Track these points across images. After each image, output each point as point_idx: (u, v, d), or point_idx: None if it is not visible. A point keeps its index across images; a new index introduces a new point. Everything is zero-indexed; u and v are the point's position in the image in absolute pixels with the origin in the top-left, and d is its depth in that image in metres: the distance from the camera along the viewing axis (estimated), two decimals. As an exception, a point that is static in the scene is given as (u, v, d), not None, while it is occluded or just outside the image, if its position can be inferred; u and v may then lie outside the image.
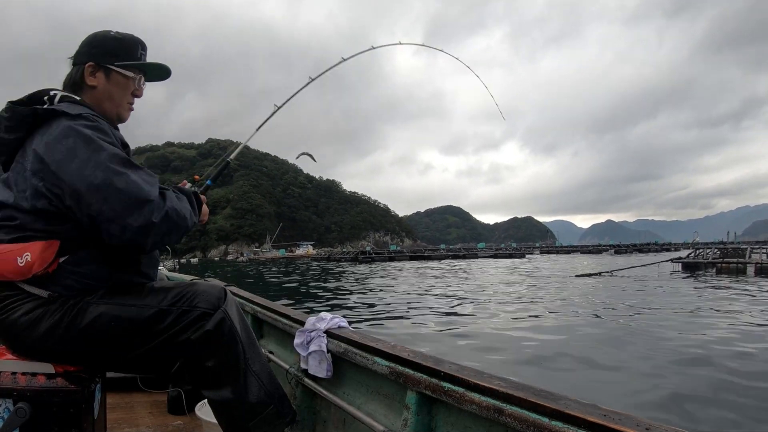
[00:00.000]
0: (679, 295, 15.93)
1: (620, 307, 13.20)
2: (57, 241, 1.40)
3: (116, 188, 1.33)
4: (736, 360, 7.01)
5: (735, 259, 28.15)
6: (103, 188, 1.33)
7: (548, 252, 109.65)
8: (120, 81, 1.61)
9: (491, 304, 14.40)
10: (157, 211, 1.37)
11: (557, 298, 15.74)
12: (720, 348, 7.77)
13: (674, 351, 7.57)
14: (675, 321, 10.62)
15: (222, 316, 1.51)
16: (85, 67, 1.57)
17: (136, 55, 1.63)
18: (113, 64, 1.59)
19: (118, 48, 1.61)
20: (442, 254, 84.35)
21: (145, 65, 1.66)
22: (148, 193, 1.36)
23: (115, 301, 1.44)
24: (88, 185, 1.33)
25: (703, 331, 9.18)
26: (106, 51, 1.59)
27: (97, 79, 1.58)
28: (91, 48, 1.59)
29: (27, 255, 1.36)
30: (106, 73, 1.59)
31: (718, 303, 13.74)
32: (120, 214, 1.33)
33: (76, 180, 1.33)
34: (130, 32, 1.66)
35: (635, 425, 1.01)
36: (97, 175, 1.33)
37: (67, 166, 1.35)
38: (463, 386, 1.38)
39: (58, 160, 1.36)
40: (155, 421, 2.38)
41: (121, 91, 1.62)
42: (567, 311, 12.64)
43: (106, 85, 1.59)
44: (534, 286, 20.50)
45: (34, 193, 1.39)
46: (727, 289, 18.29)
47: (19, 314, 1.38)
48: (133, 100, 1.67)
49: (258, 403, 1.55)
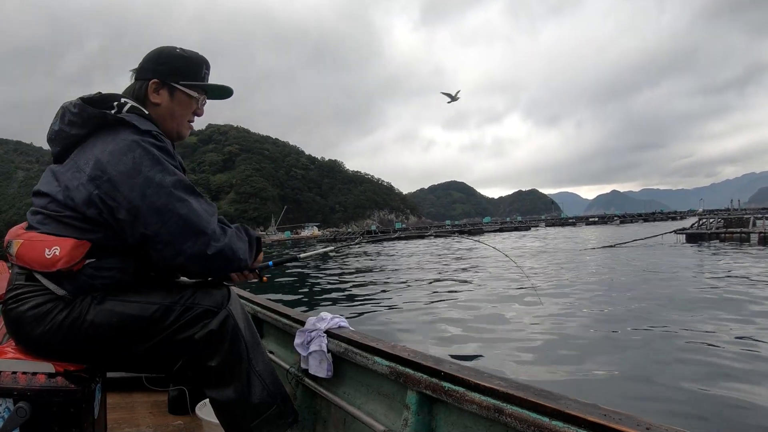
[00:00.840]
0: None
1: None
2: (89, 243, 1.40)
3: (177, 214, 1.37)
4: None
5: (738, 229, 28.20)
6: (164, 212, 1.37)
7: (553, 224, 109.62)
8: (183, 100, 1.62)
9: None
10: (213, 244, 1.42)
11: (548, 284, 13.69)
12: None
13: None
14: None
15: (226, 315, 1.51)
16: (150, 83, 1.58)
17: (200, 75, 1.64)
18: (178, 82, 1.59)
19: (184, 67, 1.61)
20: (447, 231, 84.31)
21: (208, 86, 1.67)
22: (206, 224, 1.42)
23: (120, 297, 1.45)
24: (149, 205, 1.36)
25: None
26: (171, 69, 1.59)
27: (160, 97, 1.59)
28: (157, 65, 1.59)
29: (56, 249, 1.37)
30: (170, 91, 1.59)
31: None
32: (177, 239, 1.37)
33: (137, 197, 1.36)
34: (195, 52, 1.65)
35: (635, 425, 1.01)
36: (160, 198, 1.36)
37: (130, 180, 1.36)
38: (464, 386, 1.38)
39: (121, 172, 1.37)
40: (155, 421, 2.39)
41: (183, 109, 1.63)
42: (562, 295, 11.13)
43: (169, 103, 1.60)
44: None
45: (88, 201, 1.39)
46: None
47: (28, 307, 1.39)
48: (194, 119, 1.69)
49: (261, 403, 1.56)
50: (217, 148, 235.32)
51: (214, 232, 1.43)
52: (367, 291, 13.38)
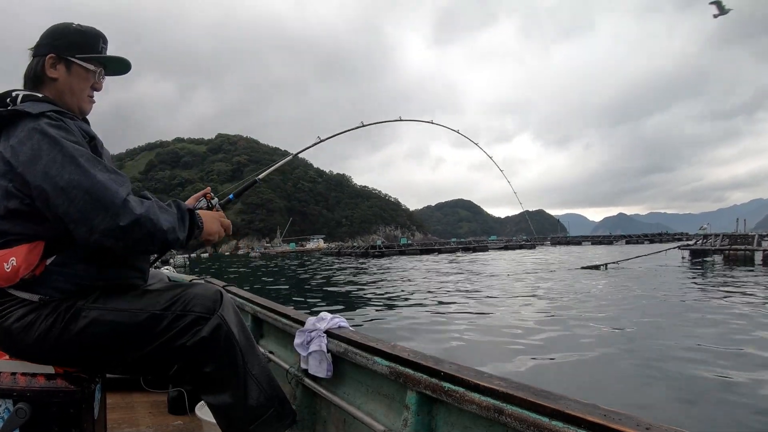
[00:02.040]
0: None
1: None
2: (42, 242, 1.38)
3: (82, 189, 1.31)
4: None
5: (743, 246, 27.65)
6: (69, 189, 1.31)
7: (559, 243, 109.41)
8: (81, 74, 1.59)
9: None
10: (125, 215, 1.33)
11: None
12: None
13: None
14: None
15: (218, 322, 1.49)
16: (46, 59, 1.55)
17: (97, 49, 1.62)
18: (74, 56, 1.57)
19: (80, 40, 1.59)
20: (452, 247, 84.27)
21: (106, 59, 1.65)
22: (113, 195, 1.33)
23: (108, 305, 1.43)
24: (54, 186, 1.31)
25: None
26: (67, 43, 1.57)
27: (58, 72, 1.57)
28: (53, 40, 1.57)
29: (12, 260, 1.35)
30: (67, 65, 1.57)
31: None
32: (86, 215, 1.31)
33: (42, 181, 1.32)
34: (90, 25, 1.64)
35: (635, 425, 1.00)
36: (63, 176, 1.31)
37: (33, 167, 1.33)
38: (463, 386, 1.37)
39: (24, 161, 1.34)
40: (155, 421, 2.39)
41: (81, 83, 1.60)
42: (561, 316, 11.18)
43: (66, 77, 1.57)
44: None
45: (5, 195, 1.37)
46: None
47: (12, 320, 1.38)
48: (93, 93, 1.65)
49: (258, 406, 1.54)
50: (225, 157, 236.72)
51: (124, 202, 1.34)
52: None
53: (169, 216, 1.45)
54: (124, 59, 1.68)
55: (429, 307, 12.68)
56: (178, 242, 1.49)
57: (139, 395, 2.74)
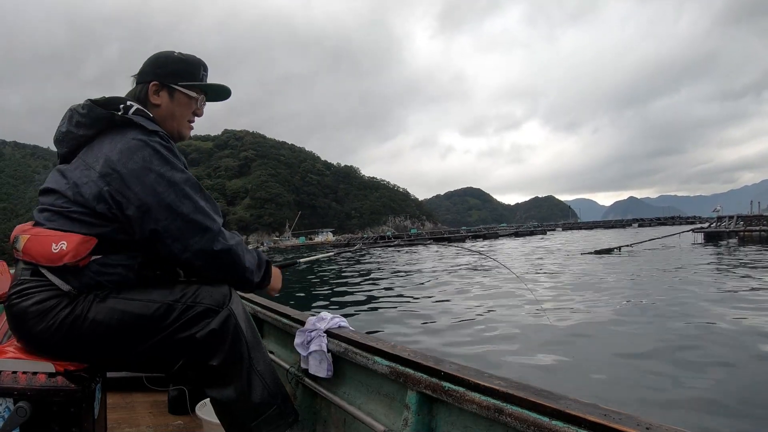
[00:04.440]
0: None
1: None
2: (95, 239, 1.42)
3: (185, 210, 1.43)
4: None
5: (758, 227, 27.41)
6: (173, 208, 1.42)
7: (570, 228, 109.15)
8: (182, 100, 1.68)
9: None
10: (219, 242, 1.48)
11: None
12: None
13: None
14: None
15: (228, 314, 1.52)
16: (150, 86, 1.64)
17: (198, 76, 1.70)
18: (177, 84, 1.65)
19: (182, 69, 1.67)
20: (461, 235, 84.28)
21: (207, 86, 1.73)
22: (212, 222, 1.48)
23: (122, 296, 1.46)
24: (159, 201, 1.41)
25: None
26: (170, 71, 1.65)
27: (161, 98, 1.65)
28: (156, 68, 1.65)
29: (63, 243, 1.39)
30: (170, 92, 1.65)
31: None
32: (184, 234, 1.43)
33: (148, 194, 1.40)
34: (192, 53, 1.72)
35: (636, 425, 0.99)
36: (170, 194, 1.42)
37: (141, 178, 1.41)
38: (464, 386, 1.36)
39: (132, 169, 1.41)
40: (156, 421, 2.40)
41: (183, 110, 1.69)
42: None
43: (169, 104, 1.66)
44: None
45: (98, 196, 1.42)
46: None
47: (32, 302, 1.40)
48: (194, 119, 1.75)
49: (261, 403, 1.56)
50: (233, 153, 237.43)
51: (220, 231, 1.49)
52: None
53: (252, 258, 1.61)
54: (224, 86, 1.77)
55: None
56: (251, 284, 1.64)
57: (139, 395, 2.75)
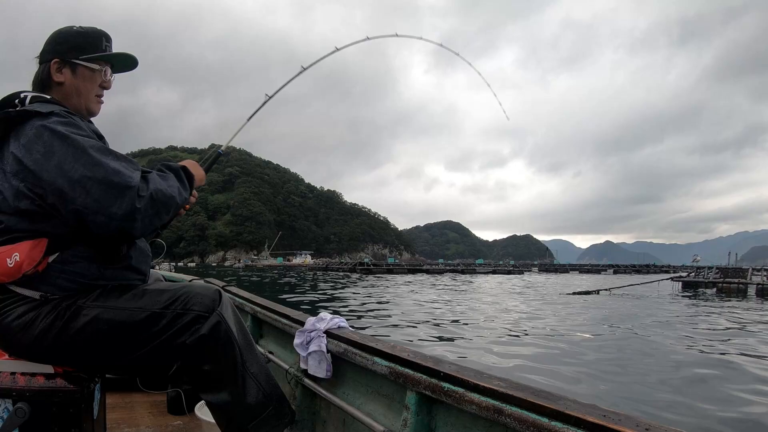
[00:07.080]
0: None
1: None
2: (45, 239, 1.39)
3: (97, 179, 1.33)
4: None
5: (736, 280, 27.86)
6: (84, 181, 1.32)
7: (546, 270, 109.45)
8: (86, 75, 1.61)
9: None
10: (141, 197, 1.36)
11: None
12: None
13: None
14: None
15: (217, 320, 1.50)
16: (51, 64, 1.57)
17: (100, 48, 1.63)
18: (78, 58, 1.59)
19: (82, 42, 1.60)
20: (440, 269, 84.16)
21: (111, 56, 1.65)
22: (129, 179, 1.35)
23: (108, 304, 1.44)
24: (69, 180, 1.33)
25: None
26: (70, 46, 1.58)
27: (63, 75, 1.58)
28: (55, 45, 1.59)
29: (16, 255, 1.36)
30: (72, 68, 1.59)
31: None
32: (104, 204, 1.32)
33: (57, 177, 1.33)
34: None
35: (635, 425, 1.01)
36: (77, 169, 1.33)
37: (46, 164, 1.34)
38: (463, 386, 1.37)
39: (36, 159, 1.35)
40: (155, 421, 2.37)
41: (88, 84, 1.62)
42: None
43: (72, 80, 1.59)
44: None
45: (17, 194, 1.38)
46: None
47: (12, 318, 1.38)
48: (102, 93, 1.67)
49: (256, 405, 1.55)
50: (217, 168, 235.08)
51: (138, 186, 1.36)
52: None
53: (171, 181, 1.50)
54: (128, 54, 1.69)
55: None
56: (186, 200, 1.56)
57: (138, 395, 2.72)
